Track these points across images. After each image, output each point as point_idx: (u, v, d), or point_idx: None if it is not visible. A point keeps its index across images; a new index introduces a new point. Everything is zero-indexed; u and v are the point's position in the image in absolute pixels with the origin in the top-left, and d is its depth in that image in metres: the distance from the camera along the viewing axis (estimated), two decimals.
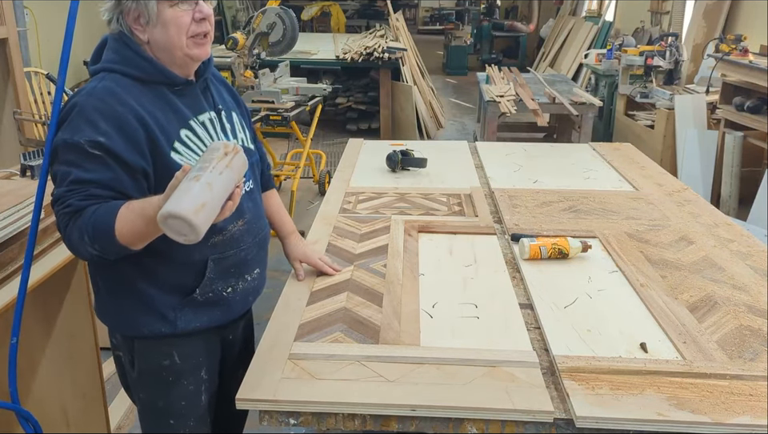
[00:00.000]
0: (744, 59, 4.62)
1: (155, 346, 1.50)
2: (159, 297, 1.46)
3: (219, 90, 1.61)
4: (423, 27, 17.44)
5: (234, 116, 1.60)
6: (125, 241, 1.29)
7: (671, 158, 5.12)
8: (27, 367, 2.05)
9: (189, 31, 1.40)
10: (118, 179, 1.33)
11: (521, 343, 1.49)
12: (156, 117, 1.38)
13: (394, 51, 6.74)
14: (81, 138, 1.30)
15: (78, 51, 2.35)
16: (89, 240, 1.29)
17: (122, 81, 1.39)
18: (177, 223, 1.14)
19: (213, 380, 1.59)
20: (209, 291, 1.49)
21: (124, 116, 1.34)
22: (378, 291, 1.72)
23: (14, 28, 3.09)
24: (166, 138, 1.39)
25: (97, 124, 1.31)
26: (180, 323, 1.48)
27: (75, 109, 1.34)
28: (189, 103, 1.47)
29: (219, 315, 1.54)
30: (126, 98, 1.36)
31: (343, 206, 2.35)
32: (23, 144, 2.90)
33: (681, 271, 1.86)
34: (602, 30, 9.35)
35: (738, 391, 1.31)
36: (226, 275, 1.52)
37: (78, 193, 1.30)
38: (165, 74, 1.42)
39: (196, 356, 1.54)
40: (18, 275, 1.72)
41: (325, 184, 5.19)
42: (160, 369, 1.52)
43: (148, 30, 1.39)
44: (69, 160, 1.32)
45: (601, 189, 2.59)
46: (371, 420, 1.29)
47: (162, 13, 1.37)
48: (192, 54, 1.42)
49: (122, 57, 1.41)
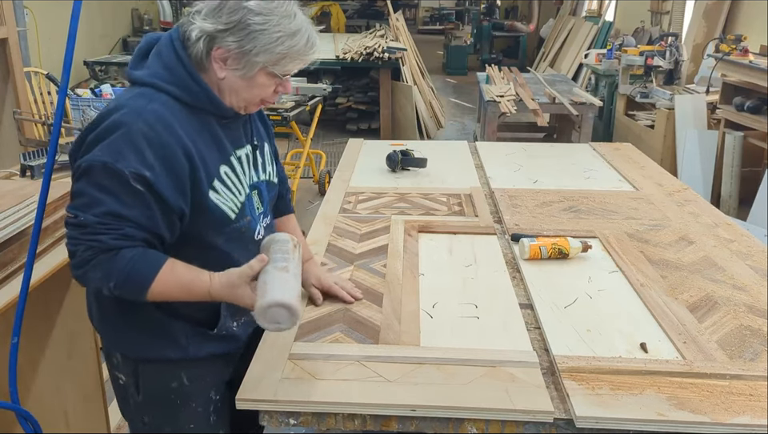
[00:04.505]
0: (744, 59, 4.62)
1: (163, 369, 1.44)
2: (171, 323, 1.40)
3: (256, 120, 1.54)
4: (423, 27, 17.44)
5: (265, 148, 1.54)
6: (152, 298, 1.26)
7: (671, 158, 5.12)
8: (27, 367, 2.04)
9: (265, 98, 1.36)
10: (155, 219, 1.24)
11: (521, 343, 1.49)
12: (201, 151, 1.30)
13: (394, 51, 6.74)
14: (125, 168, 1.19)
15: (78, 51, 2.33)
16: (113, 286, 1.23)
17: (171, 104, 1.28)
18: (278, 312, 1.20)
19: (223, 400, 1.53)
20: (224, 329, 1.46)
21: (172, 149, 1.24)
22: (378, 291, 1.72)
23: (14, 28, 3.09)
24: (207, 176, 1.31)
25: (144, 154, 1.21)
26: (191, 349, 1.43)
27: (120, 130, 1.22)
28: (231, 136, 1.40)
29: (227, 346, 1.50)
30: (176, 127, 1.26)
31: (343, 206, 2.35)
32: (23, 144, 2.90)
33: (681, 271, 1.86)
34: (602, 30, 9.35)
35: (737, 391, 1.31)
36: (235, 312, 1.48)
37: (111, 229, 1.21)
38: (216, 105, 1.33)
39: (205, 377, 1.48)
40: (18, 275, 1.72)
41: (325, 184, 5.19)
42: (168, 392, 1.45)
43: (230, 73, 1.30)
44: (105, 187, 1.21)
45: (601, 189, 2.59)
46: (371, 420, 1.29)
47: (257, 74, 1.30)
48: (249, 110, 1.39)
49: (175, 77, 1.29)
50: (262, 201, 1.49)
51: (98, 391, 2.23)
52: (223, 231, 1.37)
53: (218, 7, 1.26)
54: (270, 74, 1.31)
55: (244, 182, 1.42)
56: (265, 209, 1.51)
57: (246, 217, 1.42)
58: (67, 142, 2.89)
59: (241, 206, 1.40)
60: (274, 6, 1.27)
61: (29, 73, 3.73)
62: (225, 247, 1.39)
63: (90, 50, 7.00)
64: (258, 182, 1.48)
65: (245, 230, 1.42)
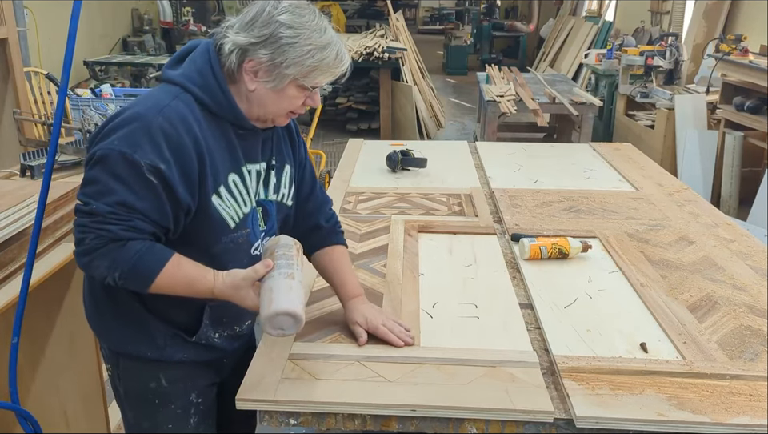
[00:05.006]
0: (744, 59, 4.62)
1: (141, 366, 1.45)
2: (152, 322, 1.41)
3: (281, 140, 1.52)
4: (423, 27, 17.45)
5: (286, 169, 1.51)
6: (155, 290, 1.28)
7: (671, 158, 5.12)
8: (27, 367, 2.05)
9: (294, 110, 1.38)
10: (164, 212, 1.27)
11: (521, 343, 1.49)
12: (213, 155, 1.32)
13: (394, 51, 6.74)
14: (141, 159, 1.21)
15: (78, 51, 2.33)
16: (119, 276, 1.24)
17: (194, 106, 1.31)
18: (284, 320, 1.23)
19: (206, 402, 1.52)
20: (203, 338, 1.46)
21: (187, 148, 1.27)
22: (378, 291, 1.72)
23: (14, 28, 3.09)
24: (214, 180, 1.32)
25: (160, 148, 1.23)
26: (168, 351, 1.43)
27: (140, 122, 1.24)
28: (246, 148, 1.40)
29: (206, 354, 1.49)
30: (194, 128, 1.29)
31: (343, 206, 2.35)
32: (23, 144, 2.90)
33: (681, 271, 1.86)
34: (602, 30, 9.35)
35: (737, 391, 1.31)
36: (217, 324, 1.48)
37: (121, 220, 1.22)
38: (236, 115, 1.35)
39: (185, 381, 1.48)
40: (18, 275, 1.72)
41: (325, 184, 5.18)
42: (146, 391, 1.46)
43: (260, 85, 1.32)
44: (118, 175, 1.22)
45: (601, 189, 2.59)
46: (371, 420, 1.29)
47: (287, 86, 1.32)
48: (278, 123, 1.41)
49: (204, 82, 1.32)
50: (266, 219, 1.48)
51: (98, 391, 2.23)
52: (221, 239, 1.38)
53: (251, 21, 1.30)
54: (300, 86, 1.33)
55: (252, 194, 1.42)
56: (269, 228, 1.50)
57: (245, 229, 1.42)
58: (67, 142, 2.89)
59: (243, 216, 1.40)
60: (305, 21, 1.30)
61: (29, 73, 3.73)
62: (220, 255, 1.39)
63: (90, 50, 7.00)
64: (266, 201, 1.47)
65: (242, 241, 1.42)
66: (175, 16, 8.39)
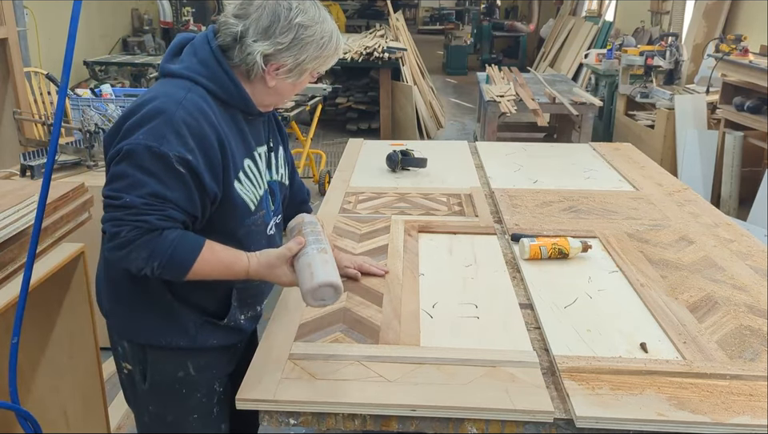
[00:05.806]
0: (744, 59, 4.62)
1: (171, 356, 1.48)
2: (183, 311, 1.44)
3: (272, 123, 1.60)
4: (423, 27, 17.45)
5: (280, 152, 1.60)
6: (192, 277, 1.31)
7: (671, 158, 5.12)
8: (27, 367, 2.04)
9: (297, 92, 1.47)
10: (194, 201, 1.31)
11: (521, 343, 1.49)
12: (230, 143, 1.37)
13: (394, 51, 6.74)
14: (169, 151, 1.25)
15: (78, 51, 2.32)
16: (157, 266, 1.27)
17: (207, 97, 1.35)
18: (326, 291, 1.31)
19: (226, 393, 1.55)
20: (233, 320, 1.50)
21: (209, 138, 1.31)
22: (378, 291, 1.72)
23: (14, 28, 3.09)
24: (234, 167, 1.38)
25: (186, 139, 1.27)
26: (200, 338, 1.47)
27: (162, 116, 1.27)
28: (253, 133, 1.47)
29: (233, 337, 1.54)
30: (212, 118, 1.33)
31: (343, 206, 2.35)
32: (23, 144, 2.90)
33: (681, 271, 1.86)
34: (602, 30, 9.35)
35: (737, 391, 1.31)
36: (244, 305, 1.53)
37: (156, 210, 1.25)
38: (247, 103, 1.41)
39: (210, 368, 1.52)
40: (18, 275, 1.72)
41: (325, 184, 5.19)
42: (174, 381, 1.49)
43: (281, 81, 1.39)
44: (147, 169, 1.25)
45: (601, 189, 2.59)
46: (371, 420, 1.29)
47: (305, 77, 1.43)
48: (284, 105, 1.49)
49: (211, 73, 1.36)
50: (273, 199, 1.56)
51: (97, 391, 2.23)
52: (244, 222, 1.44)
53: (269, 27, 1.33)
54: (313, 74, 1.43)
55: (264, 176, 1.49)
56: (276, 207, 1.57)
57: (261, 210, 1.49)
58: (67, 142, 2.89)
59: (260, 198, 1.47)
60: (314, 16, 1.37)
61: (29, 73, 3.73)
62: (243, 238, 1.44)
63: (90, 50, 7.00)
64: (271, 182, 1.54)
65: (260, 223, 1.49)
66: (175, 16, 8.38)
